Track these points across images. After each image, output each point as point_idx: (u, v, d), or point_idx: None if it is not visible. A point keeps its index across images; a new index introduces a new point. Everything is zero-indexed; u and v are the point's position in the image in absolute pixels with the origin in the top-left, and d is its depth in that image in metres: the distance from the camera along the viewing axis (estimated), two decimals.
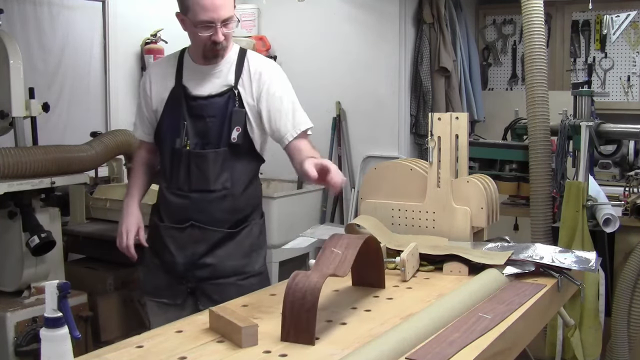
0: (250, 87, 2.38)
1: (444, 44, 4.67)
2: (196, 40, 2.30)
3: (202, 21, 2.24)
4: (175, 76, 2.36)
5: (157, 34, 4.26)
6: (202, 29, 2.25)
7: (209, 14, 2.23)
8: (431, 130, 2.26)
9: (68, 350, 1.26)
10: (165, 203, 2.35)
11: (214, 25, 2.25)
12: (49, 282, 1.29)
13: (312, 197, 4.88)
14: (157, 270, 2.37)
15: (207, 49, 2.30)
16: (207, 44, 2.28)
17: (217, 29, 2.25)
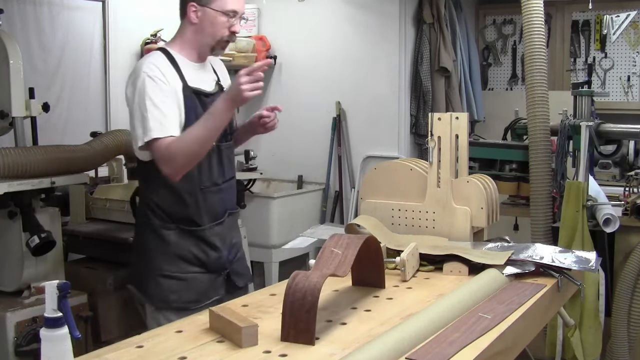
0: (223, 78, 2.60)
1: (444, 44, 4.67)
2: (215, 32, 2.35)
3: (230, 10, 2.33)
4: (179, 76, 2.35)
5: (157, 34, 4.25)
6: (225, 18, 2.33)
7: (236, 4, 2.34)
8: (431, 130, 2.26)
9: (68, 350, 1.26)
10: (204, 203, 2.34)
11: (236, 15, 2.36)
12: (49, 282, 1.29)
13: (312, 197, 4.89)
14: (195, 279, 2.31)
15: (222, 41, 2.39)
16: (224, 35, 2.36)
17: (238, 20, 2.38)
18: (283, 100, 5.12)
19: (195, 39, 2.39)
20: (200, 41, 2.39)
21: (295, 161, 5.06)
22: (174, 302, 2.29)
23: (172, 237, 2.30)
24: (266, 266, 4.54)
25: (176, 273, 2.30)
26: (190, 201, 2.31)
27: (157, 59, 2.35)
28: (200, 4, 2.33)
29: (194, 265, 2.32)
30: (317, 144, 4.94)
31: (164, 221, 2.32)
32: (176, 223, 2.31)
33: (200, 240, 2.33)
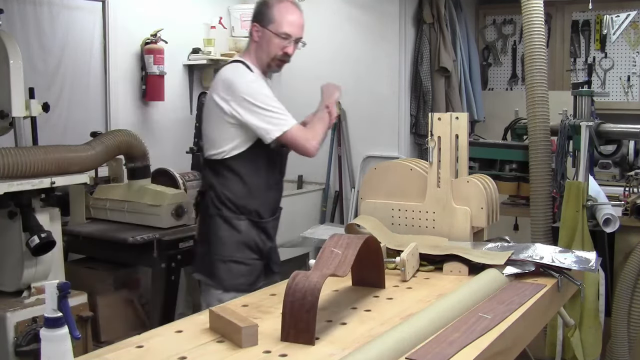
0: None
1: (444, 44, 4.67)
2: (269, 51, 2.68)
3: (285, 33, 2.65)
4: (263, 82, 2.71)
5: (157, 34, 4.25)
6: (281, 40, 2.66)
7: (292, 28, 2.67)
8: (431, 130, 2.26)
9: (68, 350, 1.26)
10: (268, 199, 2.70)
11: (290, 38, 2.67)
12: (49, 282, 1.29)
13: (312, 197, 4.89)
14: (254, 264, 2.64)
15: (276, 60, 2.71)
16: (278, 54, 2.69)
17: (291, 43, 2.68)
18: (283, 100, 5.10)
19: (256, 55, 2.72)
20: (259, 57, 2.71)
21: (295, 161, 5.03)
22: (242, 285, 2.55)
23: (243, 227, 2.62)
24: None
25: (243, 259, 2.60)
26: (258, 196, 2.66)
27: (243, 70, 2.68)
28: (261, 24, 2.67)
29: (254, 253, 2.64)
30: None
31: (235, 213, 2.63)
32: (246, 215, 2.63)
33: (262, 231, 2.66)
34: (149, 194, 3.30)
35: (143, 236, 3.13)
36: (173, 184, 3.72)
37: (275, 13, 2.66)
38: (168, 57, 4.29)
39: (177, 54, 4.50)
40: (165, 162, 3.93)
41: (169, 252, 3.22)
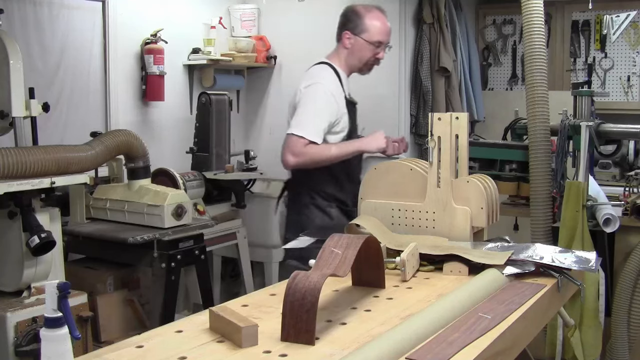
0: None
1: (444, 44, 4.67)
2: (362, 57, 3.02)
3: (377, 41, 2.96)
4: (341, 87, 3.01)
5: (157, 34, 4.25)
6: (373, 47, 2.97)
7: (383, 36, 2.98)
8: (431, 130, 2.26)
9: (68, 350, 1.26)
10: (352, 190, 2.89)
11: (381, 45, 2.98)
12: (49, 282, 1.29)
13: None
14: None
15: (368, 64, 3.05)
16: (370, 60, 3.03)
17: (383, 49, 3.01)
18: (283, 100, 5.11)
19: (347, 59, 3.04)
20: (350, 62, 3.04)
21: None
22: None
23: (334, 213, 2.95)
24: (266, 266, 4.54)
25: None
26: (347, 188, 2.99)
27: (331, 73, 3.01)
28: (354, 33, 2.98)
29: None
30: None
31: (328, 201, 2.96)
32: (335, 203, 2.96)
33: (348, 217, 2.83)
34: (149, 194, 3.30)
35: (143, 236, 3.13)
36: (173, 184, 3.72)
37: (367, 22, 2.95)
38: (168, 57, 4.29)
39: (177, 54, 4.50)
40: (165, 162, 3.94)
41: (169, 252, 3.22)
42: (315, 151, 2.90)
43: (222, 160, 4.35)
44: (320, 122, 2.93)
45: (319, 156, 2.92)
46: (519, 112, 3.78)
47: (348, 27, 2.99)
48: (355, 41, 2.96)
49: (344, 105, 3.01)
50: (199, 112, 4.38)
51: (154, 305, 3.28)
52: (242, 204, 4.35)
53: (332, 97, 2.95)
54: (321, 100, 2.94)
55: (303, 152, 2.88)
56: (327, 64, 3.04)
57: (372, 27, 2.95)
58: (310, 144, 2.90)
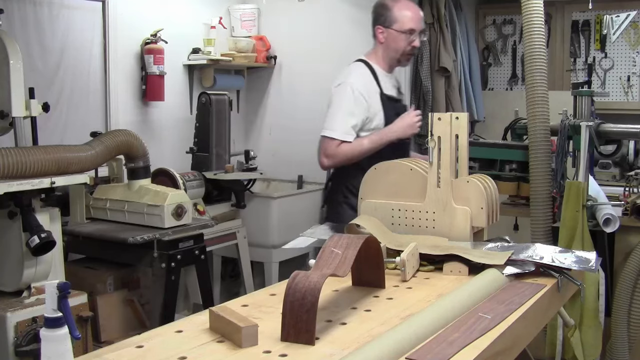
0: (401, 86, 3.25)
1: (444, 44, 4.67)
2: (398, 48, 3.01)
3: (409, 29, 2.97)
4: (377, 84, 3.02)
5: (157, 34, 4.25)
6: (407, 36, 2.97)
7: (414, 23, 2.98)
8: (431, 130, 2.26)
9: (68, 350, 1.26)
10: None
11: (415, 33, 2.98)
12: (49, 282, 1.29)
13: (312, 197, 4.88)
14: None
15: (405, 54, 3.04)
16: (407, 49, 3.01)
17: (417, 36, 3.00)
18: (283, 100, 5.12)
19: (384, 54, 3.05)
20: (388, 56, 3.05)
21: (295, 161, 5.06)
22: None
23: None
24: (266, 266, 4.54)
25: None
26: None
27: (363, 71, 3.04)
28: (385, 26, 3.00)
29: None
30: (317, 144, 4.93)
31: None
32: None
33: None
34: (149, 194, 3.30)
35: (143, 236, 3.12)
36: (173, 184, 3.72)
37: (396, 13, 2.96)
38: (168, 57, 4.29)
39: (177, 54, 4.50)
40: (165, 162, 3.94)
41: (169, 252, 3.22)
42: (348, 149, 2.96)
43: (222, 160, 4.35)
44: (349, 120, 2.98)
45: (352, 153, 2.96)
46: (519, 112, 3.78)
47: (379, 22, 3.03)
48: (388, 34, 2.99)
49: (377, 102, 3.02)
50: (199, 112, 4.38)
51: (154, 305, 3.28)
52: (242, 204, 4.35)
53: (360, 95, 2.98)
54: (349, 98, 2.98)
55: (336, 152, 2.96)
56: (362, 61, 3.08)
57: (402, 16, 2.97)
58: (342, 143, 2.97)
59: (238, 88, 5.06)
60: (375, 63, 3.06)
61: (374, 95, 3.03)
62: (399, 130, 2.98)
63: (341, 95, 3.01)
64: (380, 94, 3.05)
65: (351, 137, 2.97)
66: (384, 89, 3.07)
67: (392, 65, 3.10)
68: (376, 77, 3.06)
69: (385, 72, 3.09)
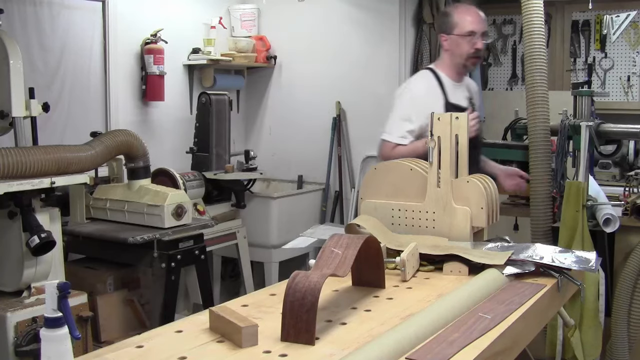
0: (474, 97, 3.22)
1: None
2: (461, 52, 3.02)
3: (469, 31, 2.98)
4: (442, 92, 3.03)
5: (157, 34, 4.26)
6: (468, 38, 2.98)
7: (474, 25, 2.99)
8: (431, 130, 2.26)
9: (68, 350, 1.26)
10: None
11: (476, 34, 2.98)
12: (49, 282, 1.29)
13: (312, 197, 4.89)
14: None
15: (469, 58, 3.03)
16: (470, 52, 3.01)
17: (479, 38, 3.00)
18: (283, 100, 5.12)
19: (450, 61, 3.06)
20: (453, 62, 3.05)
21: (295, 161, 5.06)
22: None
23: None
24: (266, 266, 4.54)
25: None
26: None
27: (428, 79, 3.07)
28: (447, 33, 3.03)
29: None
30: (317, 144, 4.94)
31: None
32: None
33: None
34: (149, 194, 3.30)
35: (143, 236, 3.13)
36: (173, 184, 3.72)
37: (456, 18, 3.01)
38: (168, 57, 4.29)
39: (177, 54, 4.50)
40: (165, 162, 3.94)
41: (169, 252, 3.22)
42: (403, 151, 2.97)
43: (222, 160, 4.35)
44: (406, 125, 3.00)
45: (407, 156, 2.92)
46: (519, 112, 3.78)
47: (442, 30, 3.08)
48: (450, 40, 3.02)
49: (440, 109, 3.00)
50: (199, 112, 4.38)
51: (154, 305, 3.28)
52: (242, 204, 4.35)
53: (420, 102, 2.99)
54: (408, 104, 3.02)
55: (391, 154, 2.98)
56: (429, 69, 3.12)
57: (461, 20, 3.01)
58: (397, 146, 3.01)
59: (238, 88, 5.06)
60: (442, 72, 3.08)
61: (438, 103, 3.02)
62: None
63: (401, 101, 3.06)
64: (445, 102, 3.05)
65: (406, 141, 3.00)
66: (450, 98, 3.06)
67: (459, 72, 3.10)
68: (442, 86, 3.07)
69: (454, 81, 3.10)
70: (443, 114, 2.27)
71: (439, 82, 3.07)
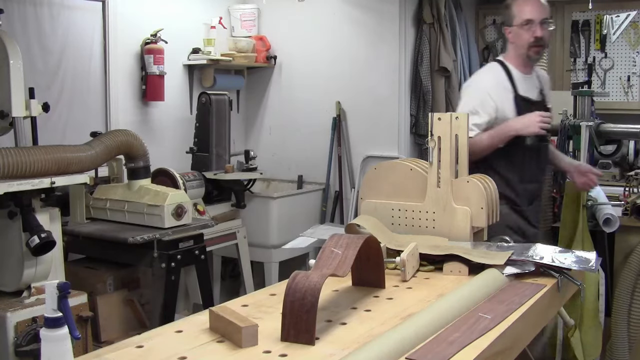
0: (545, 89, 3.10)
1: (444, 44, 4.67)
2: (522, 42, 2.96)
3: (526, 19, 2.93)
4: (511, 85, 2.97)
5: (157, 34, 4.25)
6: (526, 27, 2.93)
7: (532, 13, 2.94)
8: (431, 130, 2.26)
9: (68, 350, 1.26)
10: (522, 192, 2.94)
11: (534, 22, 2.92)
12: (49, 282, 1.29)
13: (312, 197, 4.89)
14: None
15: (531, 48, 2.94)
16: (530, 41, 2.93)
17: (538, 26, 2.92)
18: (283, 100, 5.12)
19: (515, 53, 3.01)
20: (517, 54, 3.00)
21: (295, 161, 5.06)
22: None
23: (504, 210, 2.81)
24: (266, 266, 4.54)
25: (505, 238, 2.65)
26: (514, 188, 2.93)
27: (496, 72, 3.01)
28: (509, 25, 3.02)
29: (516, 234, 2.84)
30: (317, 144, 4.94)
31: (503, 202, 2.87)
32: (505, 201, 2.85)
33: (521, 216, 2.93)
34: (149, 194, 3.30)
35: (143, 236, 3.12)
36: (173, 184, 3.72)
37: (514, 8, 3.00)
38: (168, 57, 4.29)
39: (177, 54, 4.50)
40: (165, 162, 3.93)
41: (169, 252, 3.22)
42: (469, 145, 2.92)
43: (222, 160, 4.35)
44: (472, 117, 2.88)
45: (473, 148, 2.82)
46: None
47: (505, 23, 3.07)
48: (512, 31, 3.00)
49: (510, 103, 2.94)
50: (199, 112, 4.38)
51: (154, 305, 3.28)
52: (242, 204, 4.35)
53: (487, 95, 2.94)
54: (474, 98, 2.98)
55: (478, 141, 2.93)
56: (498, 61, 3.07)
57: (519, 10, 2.99)
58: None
59: (238, 88, 5.06)
60: (510, 64, 3.02)
61: (506, 96, 2.96)
62: (517, 126, 2.88)
63: (468, 94, 3.03)
64: (515, 95, 2.96)
65: (472, 133, 2.88)
66: (520, 90, 2.98)
67: (525, 63, 3.01)
68: (511, 78, 3.00)
69: (522, 74, 3.01)
70: (443, 114, 2.28)
71: (507, 75, 3.00)
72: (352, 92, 4.83)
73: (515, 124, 2.88)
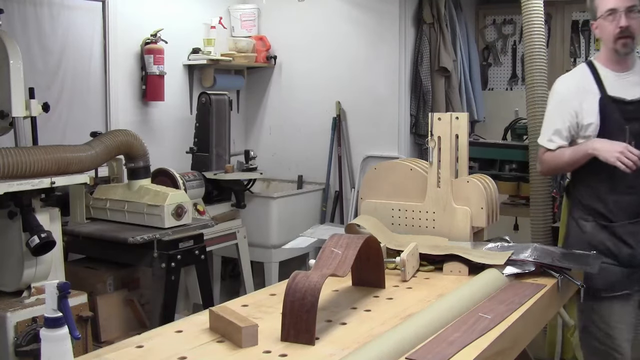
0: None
1: (444, 44, 4.67)
2: (608, 35, 2.69)
3: (609, 9, 2.65)
4: (597, 86, 2.71)
5: (157, 34, 4.25)
6: (610, 19, 2.66)
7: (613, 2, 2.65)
8: (431, 130, 2.26)
9: (68, 350, 1.26)
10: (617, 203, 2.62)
11: (617, 11, 2.64)
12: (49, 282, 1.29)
13: (312, 197, 4.89)
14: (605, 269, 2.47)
15: (616, 40, 2.66)
16: (615, 33, 2.65)
17: (621, 15, 2.63)
18: (283, 100, 5.12)
19: (604, 49, 2.77)
20: (607, 49, 2.74)
21: (295, 161, 5.06)
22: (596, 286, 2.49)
23: (588, 228, 2.66)
24: (266, 266, 4.55)
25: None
26: (604, 199, 2.64)
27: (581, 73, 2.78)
28: (595, 19, 2.75)
29: (605, 256, 2.53)
30: (317, 144, 4.94)
31: (583, 213, 2.70)
32: (593, 216, 2.66)
33: (613, 235, 2.61)
34: (149, 194, 3.30)
35: (143, 236, 3.12)
36: (173, 184, 3.72)
37: (596, 2, 2.75)
38: (168, 57, 4.29)
39: (177, 54, 4.50)
40: (165, 162, 3.93)
41: (169, 252, 3.22)
42: (550, 158, 2.77)
43: (222, 160, 4.35)
44: (551, 127, 2.78)
45: (555, 163, 2.76)
46: (519, 112, 3.78)
47: (592, 19, 2.83)
48: (597, 25, 2.76)
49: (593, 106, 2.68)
50: (199, 112, 4.38)
51: (154, 305, 3.28)
52: (242, 204, 4.35)
53: (565, 99, 2.76)
54: (552, 104, 2.82)
55: (542, 160, 2.81)
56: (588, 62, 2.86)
57: (600, 2, 2.73)
58: (547, 151, 2.78)
59: (238, 88, 5.06)
60: (600, 63, 2.77)
61: (589, 98, 2.70)
62: (599, 148, 2.59)
63: (549, 101, 2.86)
64: (602, 96, 2.68)
65: (553, 145, 2.74)
66: (610, 91, 2.68)
67: (615, 59, 2.72)
68: (598, 79, 2.74)
69: (615, 72, 2.72)
70: (443, 114, 2.28)
71: (594, 76, 2.75)
72: (352, 92, 4.83)
73: (596, 143, 2.61)
